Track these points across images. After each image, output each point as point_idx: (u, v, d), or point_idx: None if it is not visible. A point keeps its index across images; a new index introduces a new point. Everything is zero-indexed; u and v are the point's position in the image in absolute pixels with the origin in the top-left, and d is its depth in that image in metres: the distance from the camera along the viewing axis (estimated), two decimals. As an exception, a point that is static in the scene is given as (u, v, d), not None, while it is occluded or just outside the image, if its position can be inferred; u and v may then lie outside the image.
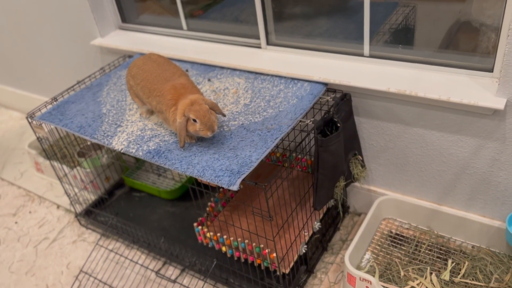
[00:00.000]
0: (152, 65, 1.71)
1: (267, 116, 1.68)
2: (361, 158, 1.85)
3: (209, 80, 2.00)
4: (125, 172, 2.55)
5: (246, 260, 1.79)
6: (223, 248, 1.80)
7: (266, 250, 1.65)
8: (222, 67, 2.08)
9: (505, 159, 1.61)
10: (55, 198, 2.58)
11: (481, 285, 1.64)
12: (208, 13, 2.26)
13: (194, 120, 1.47)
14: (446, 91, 1.57)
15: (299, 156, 2.09)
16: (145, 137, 1.67)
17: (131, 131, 1.71)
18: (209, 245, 1.85)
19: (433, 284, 1.68)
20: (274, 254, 1.62)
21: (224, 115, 1.59)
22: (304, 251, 1.75)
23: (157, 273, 1.99)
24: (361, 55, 1.84)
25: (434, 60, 1.69)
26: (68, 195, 2.29)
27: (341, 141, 1.63)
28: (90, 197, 2.43)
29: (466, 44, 1.64)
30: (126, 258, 2.07)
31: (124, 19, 2.53)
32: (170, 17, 2.36)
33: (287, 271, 1.69)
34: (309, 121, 1.66)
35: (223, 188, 2.04)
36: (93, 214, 2.34)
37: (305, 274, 1.89)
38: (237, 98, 1.83)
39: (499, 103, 1.46)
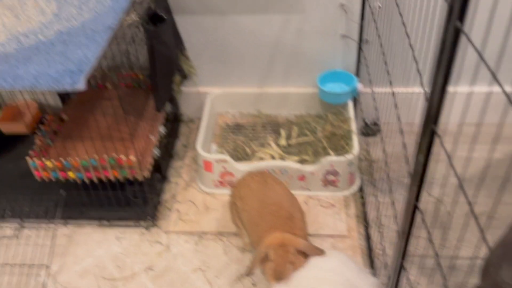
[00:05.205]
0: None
1: (85, 20, 1.65)
2: (188, 55, 2.02)
3: (-5, -1, 1.81)
4: None
5: (101, 180, 1.79)
6: (71, 175, 1.76)
7: (122, 157, 1.70)
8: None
9: (306, 28, 2.01)
10: None
11: (311, 138, 2.06)
12: None
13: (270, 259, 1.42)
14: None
15: (122, 72, 2.13)
16: None
17: None
18: (52, 178, 1.78)
19: (275, 150, 2.03)
20: (132, 157, 1.69)
21: (322, 253, 1.45)
22: (157, 154, 1.86)
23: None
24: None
25: None
26: None
27: (170, 32, 1.75)
28: None
29: None
30: None
31: None
32: None
33: (147, 174, 1.78)
34: (134, 15, 1.72)
35: (46, 119, 1.96)
36: None
37: (161, 182, 2.01)
38: (40, 9, 1.73)
39: (296, -26, 1.81)
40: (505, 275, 0.92)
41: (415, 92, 2.00)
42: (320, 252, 1.43)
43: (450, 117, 0.89)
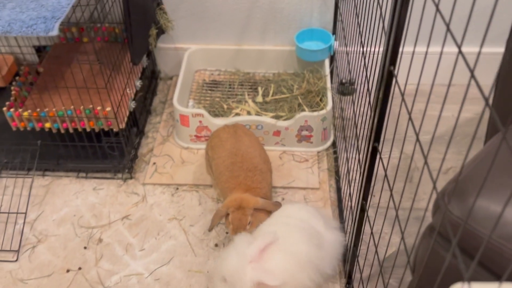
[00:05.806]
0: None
1: (60, -32, 1.65)
2: (165, 8, 2.02)
3: None
4: None
5: (76, 130, 1.82)
6: (47, 125, 1.78)
7: (98, 108, 1.73)
8: None
9: (284, -16, 2.03)
10: None
11: (287, 96, 2.11)
12: None
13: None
14: None
15: (98, 26, 2.13)
16: None
17: None
18: (28, 128, 1.80)
19: (251, 106, 2.08)
20: (108, 109, 1.72)
21: (280, 206, 1.54)
22: (133, 106, 1.89)
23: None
24: None
25: None
26: None
27: (146, -18, 1.75)
28: None
29: None
30: None
31: None
32: None
33: (123, 125, 1.81)
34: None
35: (22, 70, 1.96)
36: None
37: (138, 136, 2.05)
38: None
39: None
40: (454, 209, 1.00)
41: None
42: (278, 206, 1.54)
43: (422, 78, 0.94)
